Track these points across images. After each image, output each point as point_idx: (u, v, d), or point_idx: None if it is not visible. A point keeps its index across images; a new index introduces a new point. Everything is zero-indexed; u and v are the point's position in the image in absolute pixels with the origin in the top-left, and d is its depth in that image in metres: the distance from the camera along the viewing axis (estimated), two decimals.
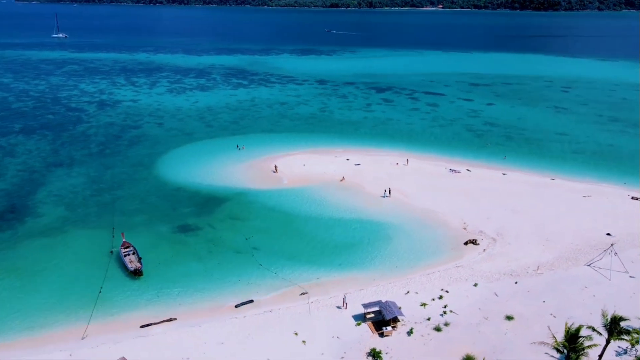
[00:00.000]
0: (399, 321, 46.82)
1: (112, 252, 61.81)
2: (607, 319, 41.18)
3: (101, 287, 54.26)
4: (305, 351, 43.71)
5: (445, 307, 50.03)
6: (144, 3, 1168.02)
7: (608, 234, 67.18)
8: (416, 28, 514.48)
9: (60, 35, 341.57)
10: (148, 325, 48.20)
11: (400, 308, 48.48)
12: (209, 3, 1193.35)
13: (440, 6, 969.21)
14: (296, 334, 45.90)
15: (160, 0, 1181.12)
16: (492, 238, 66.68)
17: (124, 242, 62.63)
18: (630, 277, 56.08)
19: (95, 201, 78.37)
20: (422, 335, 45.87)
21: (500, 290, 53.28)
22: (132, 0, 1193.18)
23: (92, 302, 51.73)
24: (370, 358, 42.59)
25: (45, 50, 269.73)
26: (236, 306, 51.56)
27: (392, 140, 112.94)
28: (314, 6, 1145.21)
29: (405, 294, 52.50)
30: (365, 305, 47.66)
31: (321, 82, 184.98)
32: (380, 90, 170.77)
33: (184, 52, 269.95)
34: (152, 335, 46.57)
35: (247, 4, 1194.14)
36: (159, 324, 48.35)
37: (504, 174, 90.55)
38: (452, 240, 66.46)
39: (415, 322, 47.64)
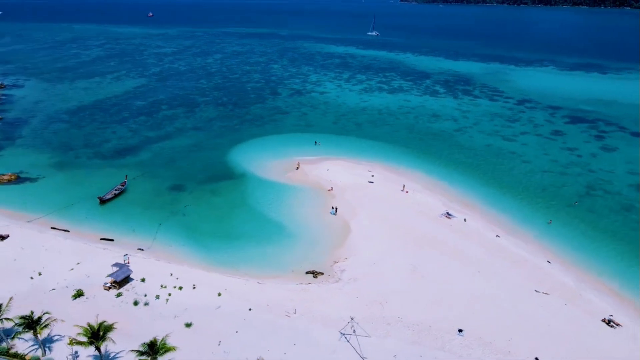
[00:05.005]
0: (126, 282, 58.06)
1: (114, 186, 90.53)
2: None
3: (75, 202, 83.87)
4: (62, 272, 61.17)
5: (169, 295, 57.02)
6: (508, 4, 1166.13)
7: (460, 330, 52.81)
8: None
9: (373, 33, 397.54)
10: (54, 228, 74.65)
11: (144, 279, 59.22)
12: (579, 4, 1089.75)
13: None
14: (78, 263, 63.52)
15: (525, 1, 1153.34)
16: (339, 279, 63.06)
17: (124, 181, 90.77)
18: None
19: (170, 157, 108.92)
20: (122, 301, 56.20)
21: (228, 310, 55.25)
22: (497, 1, 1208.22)
23: (62, 207, 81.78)
24: (74, 293, 56.70)
25: (341, 45, 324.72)
26: (100, 239, 71.99)
27: (465, 173, 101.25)
28: None
29: (170, 275, 61.20)
30: (113, 265, 60.52)
31: (521, 102, 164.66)
32: (576, 121, 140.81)
33: (445, 56, 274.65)
34: (45, 233, 72.64)
35: (626, 6, 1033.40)
36: (58, 230, 74.03)
37: (497, 236, 73.69)
38: (309, 266, 66.26)
39: (137, 293, 57.47)
